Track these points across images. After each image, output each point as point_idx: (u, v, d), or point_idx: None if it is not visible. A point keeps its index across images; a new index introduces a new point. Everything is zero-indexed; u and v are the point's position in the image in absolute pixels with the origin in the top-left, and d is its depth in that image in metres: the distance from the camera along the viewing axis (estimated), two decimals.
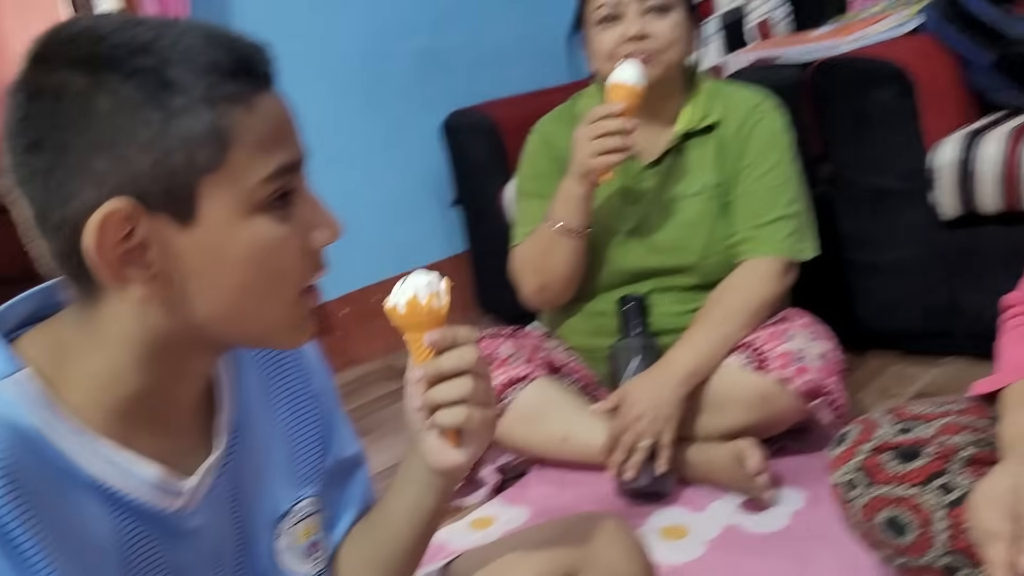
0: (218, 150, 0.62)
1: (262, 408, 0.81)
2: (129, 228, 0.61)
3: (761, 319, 1.58)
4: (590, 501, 1.59)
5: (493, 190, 2.43)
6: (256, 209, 0.64)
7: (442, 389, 0.76)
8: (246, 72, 0.63)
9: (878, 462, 1.03)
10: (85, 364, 0.66)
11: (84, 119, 0.60)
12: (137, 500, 0.68)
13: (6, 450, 0.60)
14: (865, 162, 1.89)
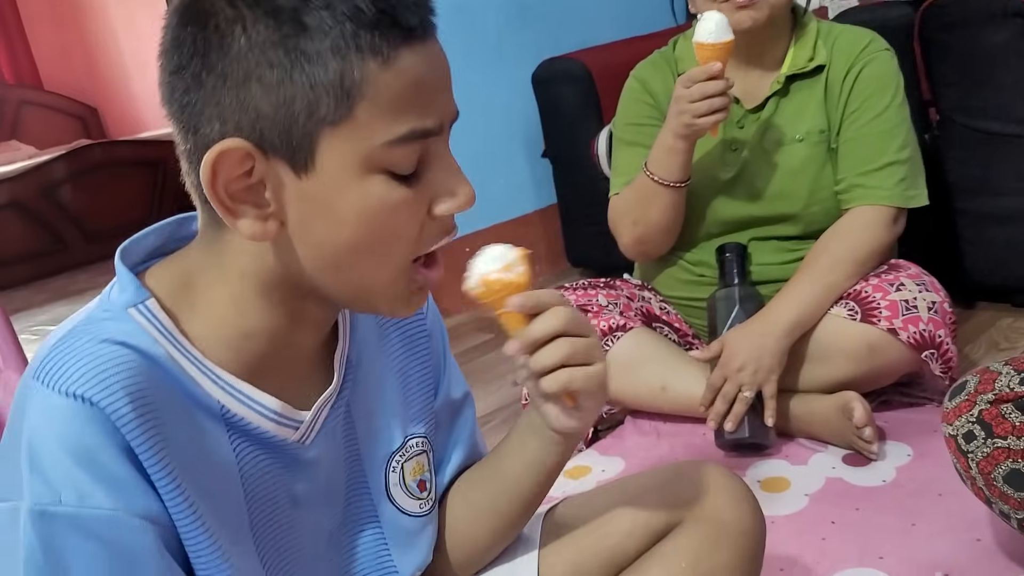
0: (343, 103, 0.60)
1: (377, 345, 0.82)
2: (249, 166, 0.61)
3: (869, 269, 1.53)
4: (686, 452, 1.58)
5: (585, 140, 2.40)
6: (377, 169, 0.62)
7: (539, 356, 0.73)
8: (389, 23, 0.60)
9: (999, 413, 0.99)
10: (209, 296, 0.67)
11: (220, 52, 0.60)
12: (258, 429, 0.69)
13: (137, 375, 0.61)
14: (980, 106, 1.80)
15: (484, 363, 2.16)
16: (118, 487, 0.60)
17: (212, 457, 0.67)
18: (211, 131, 0.61)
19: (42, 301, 4.18)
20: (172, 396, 0.64)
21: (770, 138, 1.59)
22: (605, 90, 2.34)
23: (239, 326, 0.68)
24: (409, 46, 0.61)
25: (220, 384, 0.67)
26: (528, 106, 2.60)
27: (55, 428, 0.59)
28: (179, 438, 0.63)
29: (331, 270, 0.66)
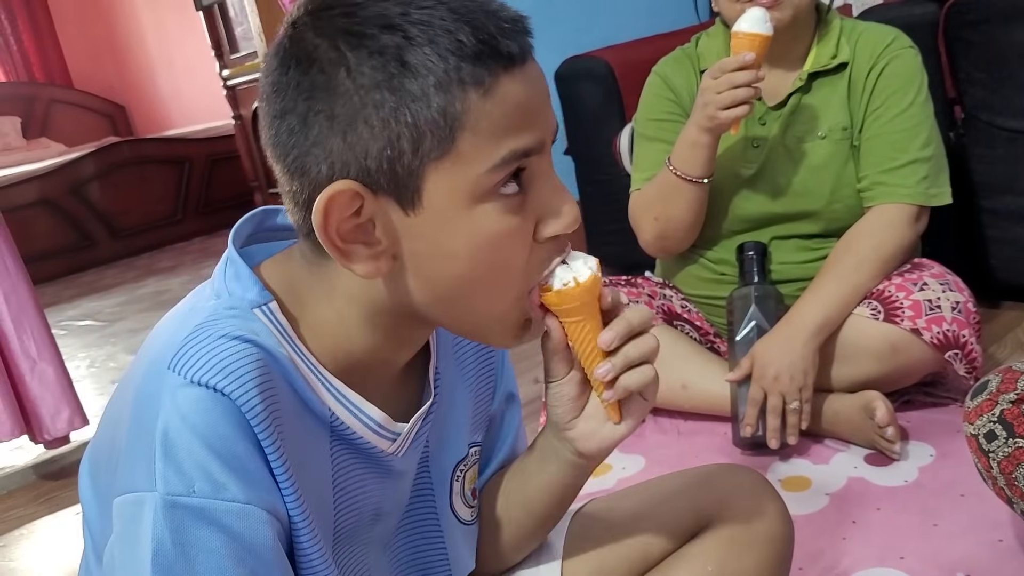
0: (447, 136, 0.60)
1: (452, 356, 0.83)
2: (358, 206, 0.62)
3: (892, 268, 1.52)
4: (707, 451, 1.58)
5: (607, 138, 2.40)
6: (483, 198, 0.62)
7: (631, 347, 0.72)
8: (489, 54, 0.60)
9: (1021, 412, 0.98)
10: (317, 310, 0.68)
11: (325, 94, 0.60)
12: (360, 439, 0.70)
13: (266, 372, 0.62)
14: (1006, 104, 1.79)
15: None
16: (250, 480, 0.60)
17: (314, 460, 0.68)
18: (319, 173, 0.61)
19: (71, 296, 4.24)
20: (290, 397, 0.65)
21: (792, 135, 1.59)
22: (627, 88, 2.34)
23: (342, 343, 0.69)
24: (509, 72, 0.61)
25: (332, 391, 0.68)
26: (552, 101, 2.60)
27: (191, 418, 0.59)
28: (293, 438, 0.64)
29: (443, 304, 0.67)
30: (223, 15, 4.45)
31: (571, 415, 0.77)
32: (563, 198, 0.66)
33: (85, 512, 0.69)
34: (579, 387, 0.76)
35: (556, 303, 0.69)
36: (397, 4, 0.60)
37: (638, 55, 2.23)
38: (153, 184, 5.02)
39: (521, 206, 0.64)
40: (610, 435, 0.76)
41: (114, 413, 0.66)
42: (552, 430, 0.80)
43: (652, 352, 0.72)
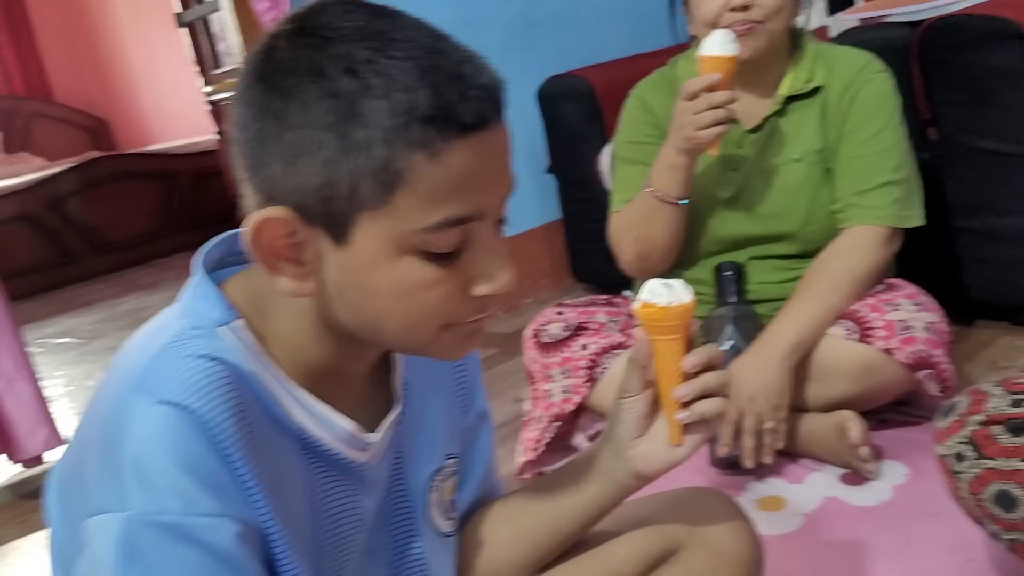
0: (384, 190, 0.61)
1: (424, 366, 0.84)
2: (292, 229, 0.63)
3: (866, 288, 1.54)
4: (684, 471, 1.57)
5: (589, 156, 2.42)
6: (411, 251, 0.64)
7: (710, 377, 0.77)
8: (443, 120, 0.60)
9: (989, 434, 0.99)
10: (279, 323, 0.70)
11: (277, 121, 0.61)
12: (332, 450, 0.71)
13: (234, 389, 0.63)
14: (981, 125, 1.81)
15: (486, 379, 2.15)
16: (222, 493, 0.61)
17: (287, 474, 0.69)
18: (261, 191, 0.64)
19: (50, 313, 4.21)
20: (260, 413, 0.66)
21: (768, 158, 1.61)
22: (609, 107, 2.36)
23: (303, 354, 0.70)
24: (462, 139, 0.61)
25: (301, 405, 0.69)
26: (533, 122, 2.62)
27: (160, 437, 0.60)
28: (265, 453, 0.65)
29: (370, 330, 0.68)
30: (206, 31, 4.46)
31: (636, 433, 0.80)
32: (499, 263, 0.67)
33: (53, 534, 0.70)
34: (650, 406, 0.80)
35: (660, 319, 0.73)
36: (368, 48, 0.60)
37: (620, 74, 2.25)
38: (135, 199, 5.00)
39: (451, 264, 0.65)
40: (670, 457, 0.79)
41: (83, 434, 0.67)
42: (610, 448, 0.82)
43: (723, 387, 0.77)
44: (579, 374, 1.60)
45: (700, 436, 0.79)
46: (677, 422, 0.78)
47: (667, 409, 0.78)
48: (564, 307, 1.71)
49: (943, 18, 1.83)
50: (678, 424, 0.78)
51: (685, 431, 0.78)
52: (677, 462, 0.80)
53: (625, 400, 0.80)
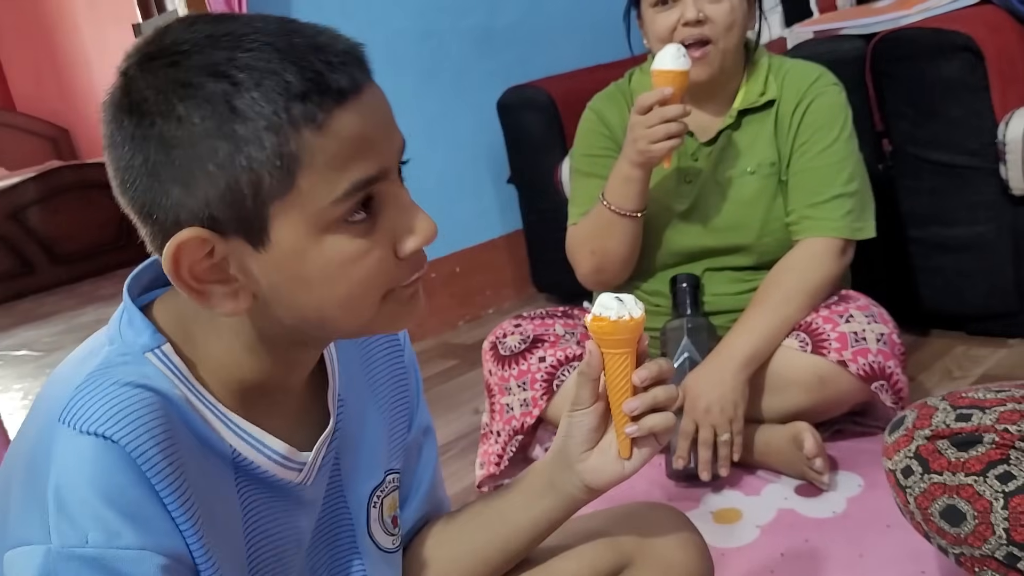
0: (285, 176, 0.61)
1: (363, 381, 0.83)
2: (209, 248, 0.62)
3: (820, 300, 1.55)
4: (642, 483, 1.59)
5: (549, 167, 2.42)
6: (330, 228, 0.63)
7: (660, 391, 0.77)
8: (319, 91, 0.61)
9: (935, 449, 1.00)
10: (208, 345, 0.69)
11: (160, 146, 0.61)
12: (265, 472, 0.71)
13: (159, 417, 0.62)
14: (930, 137, 1.83)
15: (446, 390, 2.16)
16: (146, 525, 0.60)
17: (221, 500, 0.68)
18: (167, 220, 0.62)
19: (8, 325, 4.14)
20: (189, 438, 0.65)
21: (723, 170, 1.62)
22: (569, 118, 2.36)
23: (235, 374, 0.69)
24: (342, 106, 0.62)
25: (232, 428, 0.68)
26: (494, 132, 2.62)
27: (83, 469, 0.59)
28: (196, 480, 0.64)
29: (314, 325, 0.68)
30: None
31: (586, 446, 0.80)
32: (415, 216, 0.67)
33: None
34: (600, 419, 0.80)
35: (611, 332, 0.73)
36: (223, 50, 0.60)
37: (579, 85, 2.25)
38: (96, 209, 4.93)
39: (371, 230, 0.65)
40: (620, 471, 0.79)
41: (8, 464, 0.66)
42: (560, 461, 0.82)
43: (673, 401, 0.77)
44: (537, 387, 1.60)
45: (649, 450, 0.79)
46: (627, 436, 0.78)
47: (617, 422, 0.78)
48: (521, 319, 1.71)
49: (895, 31, 1.85)
50: (628, 437, 0.78)
51: (635, 444, 0.79)
52: (626, 476, 0.80)
53: (576, 413, 0.80)
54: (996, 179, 1.77)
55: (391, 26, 2.55)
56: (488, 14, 2.72)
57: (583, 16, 2.86)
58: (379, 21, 2.52)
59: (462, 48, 2.68)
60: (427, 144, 2.64)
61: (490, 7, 2.73)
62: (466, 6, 2.68)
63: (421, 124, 2.63)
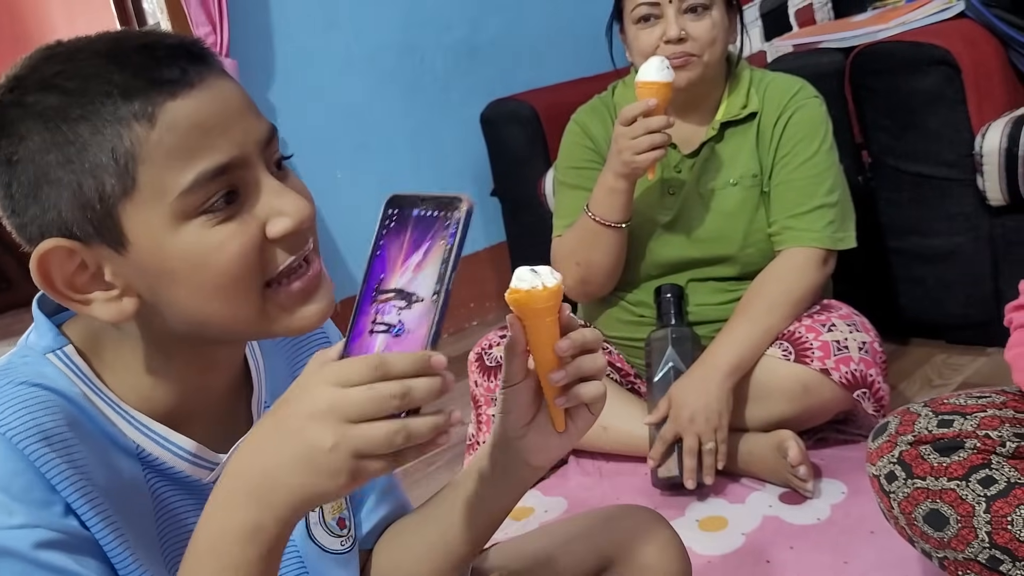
0: (125, 174, 0.61)
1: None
2: (79, 259, 0.63)
3: (802, 309, 1.57)
4: (629, 492, 1.60)
5: (532, 179, 2.43)
6: (185, 219, 0.63)
7: (586, 360, 0.74)
8: (144, 87, 0.61)
9: (918, 454, 1.02)
10: (118, 354, 0.69)
11: (9, 167, 0.63)
12: (173, 469, 0.71)
13: (50, 413, 0.63)
14: (909, 149, 1.86)
15: None
16: (38, 505, 0.61)
17: (129, 491, 0.68)
18: (30, 235, 0.64)
19: None
20: (89, 433, 0.66)
21: (705, 182, 1.63)
22: (552, 130, 2.38)
23: (149, 380, 0.70)
24: (175, 98, 0.62)
25: (135, 425, 0.69)
26: (477, 145, 2.63)
27: None
28: (96, 470, 0.65)
29: (198, 324, 0.67)
30: None
31: (523, 421, 0.78)
32: (285, 197, 0.66)
33: None
34: (533, 394, 0.77)
35: (525, 303, 0.72)
36: (55, 63, 0.63)
37: (562, 98, 2.27)
38: None
39: (234, 216, 0.64)
40: (559, 444, 0.78)
41: None
42: (501, 443, 0.81)
43: (601, 370, 0.75)
44: None
45: (585, 422, 0.77)
46: (557, 408, 0.76)
47: (547, 395, 0.76)
48: (505, 331, 1.71)
49: (873, 44, 1.88)
50: (560, 410, 0.76)
51: (570, 417, 0.77)
52: (566, 448, 0.78)
53: (508, 389, 0.77)
54: (973, 190, 1.79)
55: (375, 41, 2.56)
56: (471, 28, 2.74)
57: (566, 30, 2.89)
58: (363, 36, 2.53)
59: (445, 62, 2.70)
60: (411, 157, 2.65)
61: (473, 21, 2.74)
62: (449, 21, 2.70)
63: (405, 137, 2.64)
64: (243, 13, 2.29)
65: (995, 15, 1.87)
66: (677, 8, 1.53)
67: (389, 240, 0.61)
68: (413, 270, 0.60)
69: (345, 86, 2.52)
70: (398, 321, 0.60)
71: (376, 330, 0.60)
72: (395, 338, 0.60)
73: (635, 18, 1.57)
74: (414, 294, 0.60)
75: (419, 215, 0.60)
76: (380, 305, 0.60)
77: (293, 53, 2.40)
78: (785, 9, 2.37)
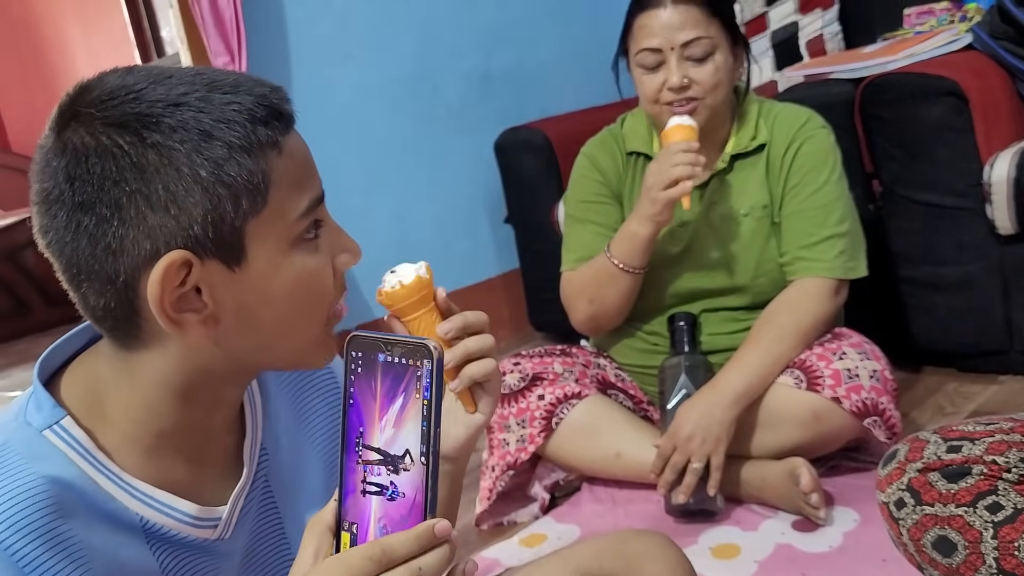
0: (260, 194, 0.65)
1: (295, 428, 0.84)
2: (184, 274, 0.64)
3: (813, 339, 1.58)
4: (641, 519, 1.60)
5: (546, 207, 2.46)
6: (295, 244, 0.68)
7: (470, 341, 0.76)
8: (275, 116, 0.66)
9: (927, 481, 1.03)
10: (122, 403, 0.69)
11: (135, 176, 0.62)
12: (178, 535, 0.71)
13: (48, 509, 0.63)
14: (918, 178, 1.88)
15: None
16: None
17: (136, 570, 0.68)
18: (141, 252, 0.63)
19: (3, 365, 4.14)
20: (92, 517, 0.66)
21: (716, 214, 1.66)
22: (565, 158, 2.40)
23: (154, 427, 0.70)
24: (289, 133, 0.68)
25: (138, 496, 0.69)
26: (491, 172, 2.66)
27: None
28: (101, 558, 0.65)
29: (266, 345, 0.70)
30: None
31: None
32: (346, 237, 0.73)
33: None
34: None
35: (388, 304, 0.76)
36: (177, 84, 0.64)
37: (574, 126, 2.30)
38: None
39: (320, 247, 0.70)
40: (470, 425, 0.79)
41: None
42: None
43: (490, 348, 0.77)
44: (535, 424, 1.62)
45: (490, 398, 0.79)
46: (452, 392, 0.78)
47: (445, 382, 0.78)
48: (520, 358, 1.73)
49: (882, 75, 1.90)
50: (466, 393, 0.79)
51: (475, 397, 0.79)
52: (477, 427, 0.79)
53: None
54: (983, 219, 1.81)
55: (390, 70, 2.60)
56: (485, 57, 2.78)
57: (577, 59, 2.92)
58: (379, 65, 2.58)
59: (459, 91, 2.73)
60: (426, 184, 2.68)
61: (486, 50, 2.78)
62: (463, 50, 2.74)
63: (420, 164, 2.67)
64: (261, 43, 2.34)
65: (1003, 47, 1.90)
66: (679, 55, 1.55)
67: (360, 388, 0.61)
68: (393, 425, 0.60)
69: (360, 115, 2.56)
70: (390, 483, 0.60)
71: (368, 491, 0.61)
72: (390, 502, 0.60)
73: (638, 63, 1.60)
74: (401, 456, 0.60)
75: (386, 361, 0.60)
76: (366, 465, 0.60)
77: (309, 82, 2.45)
78: (796, 40, 2.40)
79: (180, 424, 0.70)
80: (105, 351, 0.70)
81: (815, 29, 2.38)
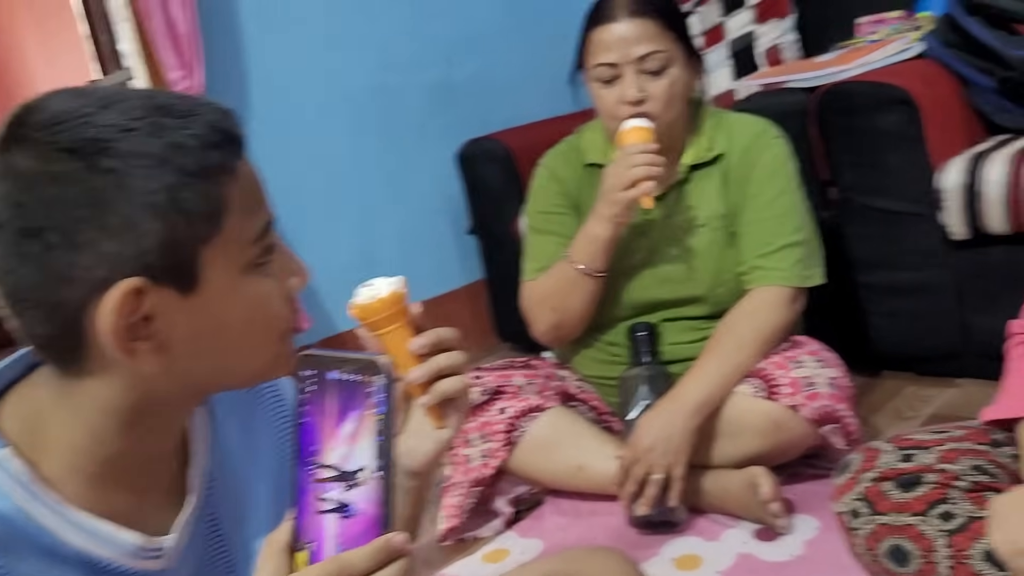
0: (215, 219, 0.64)
1: (243, 450, 0.83)
2: (137, 303, 0.63)
3: (772, 347, 1.59)
4: (604, 532, 1.60)
5: (509, 217, 2.46)
6: (248, 269, 0.67)
7: (442, 357, 0.77)
8: (229, 141, 0.66)
9: (880, 490, 1.04)
10: (63, 433, 0.67)
11: (88, 202, 0.61)
12: (121, 567, 0.69)
13: None
14: (873, 185, 1.90)
15: None
16: None
17: None
18: (91, 279, 0.62)
19: None
20: (30, 552, 0.64)
21: (675, 224, 1.66)
22: (527, 169, 2.39)
23: (98, 456, 0.68)
24: (240, 156, 0.67)
25: (80, 528, 0.67)
26: (453, 183, 2.65)
27: None
28: None
29: (221, 369, 0.69)
30: None
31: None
32: (296, 260, 0.73)
33: None
34: (401, 401, 0.80)
35: (362, 316, 0.76)
36: (130, 108, 0.63)
37: (536, 137, 2.30)
38: None
39: (271, 272, 0.70)
40: (436, 440, 0.79)
41: None
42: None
43: (461, 366, 0.78)
44: (497, 438, 1.62)
45: (458, 414, 0.80)
46: (422, 406, 0.79)
47: (413, 396, 0.79)
48: (482, 371, 1.73)
49: (837, 84, 1.92)
50: (435, 408, 0.79)
51: (443, 413, 0.79)
52: (443, 443, 0.79)
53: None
54: (937, 225, 1.83)
55: (351, 82, 2.59)
56: (446, 69, 2.78)
57: (541, 69, 2.92)
58: (338, 78, 2.57)
59: (421, 102, 2.73)
60: (388, 197, 2.67)
61: (448, 61, 2.78)
62: (424, 61, 2.73)
63: (382, 177, 2.66)
64: (218, 57, 2.32)
65: (954, 55, 1.93)
66: (635, 69, 1.56)
67: (312, 406, 0.61)
68: (347, 442, 0.60)
69: (321, 128, 2.55)
70: (346, 500, 0.60)
71: (324, 509, 0.60)
72: (346, 519, 0.60)
73: (595, 77, 1.60)
74: (356, 471, 0.59)
75: (338, 379, 0.60)
76: (321, 483, 0.60)
77: (268, 97, 2.43)
78: (753, 49, 2.42)
79: (125, 451, 0.69)
80: (46, 379, 0.68)
81: (772, 38, 2.41)
